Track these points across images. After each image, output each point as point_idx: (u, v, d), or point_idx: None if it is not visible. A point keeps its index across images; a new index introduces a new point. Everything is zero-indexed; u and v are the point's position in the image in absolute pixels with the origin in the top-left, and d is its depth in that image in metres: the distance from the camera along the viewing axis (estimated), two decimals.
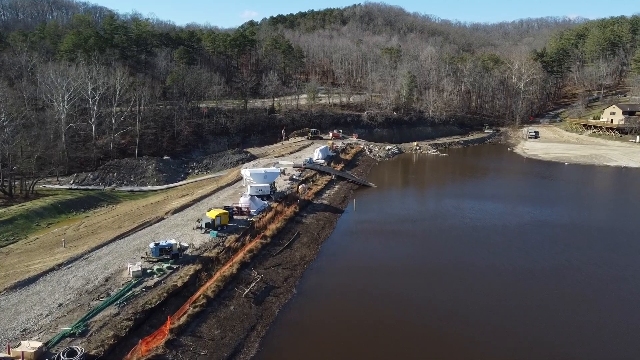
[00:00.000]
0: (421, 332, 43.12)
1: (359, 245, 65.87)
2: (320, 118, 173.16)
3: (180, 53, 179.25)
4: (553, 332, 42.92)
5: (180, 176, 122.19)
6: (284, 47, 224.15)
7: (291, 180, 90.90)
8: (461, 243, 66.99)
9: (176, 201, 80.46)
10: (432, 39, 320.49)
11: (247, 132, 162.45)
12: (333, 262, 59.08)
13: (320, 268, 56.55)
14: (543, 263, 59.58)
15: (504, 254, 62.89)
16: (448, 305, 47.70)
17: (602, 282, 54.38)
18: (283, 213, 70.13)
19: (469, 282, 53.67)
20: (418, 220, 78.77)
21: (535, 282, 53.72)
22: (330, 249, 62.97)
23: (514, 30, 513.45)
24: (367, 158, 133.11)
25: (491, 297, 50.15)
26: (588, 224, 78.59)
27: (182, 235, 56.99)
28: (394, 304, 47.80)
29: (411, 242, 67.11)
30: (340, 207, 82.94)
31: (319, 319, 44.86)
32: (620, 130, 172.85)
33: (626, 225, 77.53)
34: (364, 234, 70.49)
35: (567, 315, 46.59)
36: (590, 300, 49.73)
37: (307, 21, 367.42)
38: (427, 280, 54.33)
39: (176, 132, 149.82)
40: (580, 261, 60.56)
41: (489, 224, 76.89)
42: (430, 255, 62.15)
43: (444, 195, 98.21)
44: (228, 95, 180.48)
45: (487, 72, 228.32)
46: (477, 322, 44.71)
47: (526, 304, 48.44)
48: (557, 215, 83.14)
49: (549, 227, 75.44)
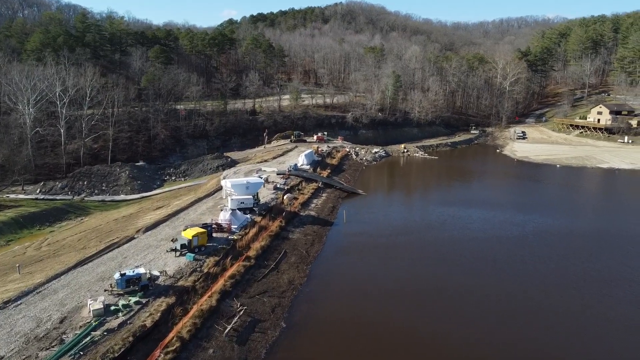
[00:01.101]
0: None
1: (352, 263, 59.91)
2: (303, 120, 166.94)
3: (156, 52, 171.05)
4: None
5: (156, 184, 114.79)
6: (264, 46, 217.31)
7: (275, 189, 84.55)
8: (463, 259, 61.62)
9: (149, 215, 73.53)
10: (414, 37, 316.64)
11: (227, 135, 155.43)
12: (324, 285, 53.06)
13: (310, 294, 50.45)
14: (554, 281, 54.54)
15: (511, 272, 57.61)
16: (454, 337, 42.16)
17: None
18: (268, 228, 63.84)
19: (476, 309, 48.23)
20: (413, 231, 73.25)
21: (548, 305, 48.58)
22: (320, 270, 56.93)
23: (495, 29, 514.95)
24: (354, 162, 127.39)
25: (502, 333, 44.77)
26: (592, 231, 74.02)
27: (154, 260, 50.33)
28: (393, 336, 42.05)
29: (409, 259, 61.43)
30: (329, 218, 76.95)
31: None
32: (608, 130, 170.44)
33: (632, 232, 73.21)
34: (356, 249, 64.61)
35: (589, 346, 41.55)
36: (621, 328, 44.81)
37: (287, 20, 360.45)
38: (429, 306, 48.73)
39: (152, 136, 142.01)
40: (598, 279, 55.73)
41: (490, 235, 71.76)
42: (431, 275, 56.56)
43: (437, 202, 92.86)
44: (207, 97, 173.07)
45: (472, 71, 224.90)
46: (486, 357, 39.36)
47: (545, 339, 43.19)
48: (559, 223, 78.41)
49: (553, 237, 70.60)
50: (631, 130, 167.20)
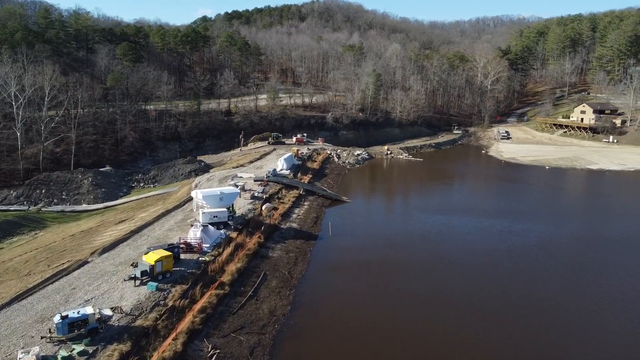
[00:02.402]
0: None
1: (341, 286, 52.64)
2: (281, 120, 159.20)
3: (124, 49, 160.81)
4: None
5: (123, 191, 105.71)
6: (240, 44, 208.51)
7: (253, 198, 76.71)
8: (462, 277, 55.05)
9: (110, 230, 65.00)
10: (393, 36, 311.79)
11: (201, 137, 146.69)
12: (311, 315, 45.70)
13: (295, 327, 43.03)
14: (569, 303, 48.47)
15: (516, 291, 51.31)
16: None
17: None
18: (245, 246, 56.17)
19: (485, 339, 41.71)
20: (407, 244, 66.47)
21: (563, 333, 42.44)
22: (306, 296, 49.56)
23: (471, 28, 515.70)
24: (336, 165, 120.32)
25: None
26: (599, 239, 68.45)
27: (108, 291, 42.27)
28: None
29: (404, 279, 54.52)
30: (313, 231, 69.62)
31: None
32: (592, 129, 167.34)
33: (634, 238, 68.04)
34: (344, 268, 57.47)
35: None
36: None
37: (263, 17, 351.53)
38: (430, 339, 41.98)
39: (120, 139, 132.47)
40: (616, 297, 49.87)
41: (490, 247, 65.51)
42: (430, 299, 49.77)
43: (429, 210, 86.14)
44: (179, 96, 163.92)
45: (453, 70, 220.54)
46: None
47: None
48: (562, 231, 72.70)
49: (559, 248, 64.76)
50: (616, 130, 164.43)
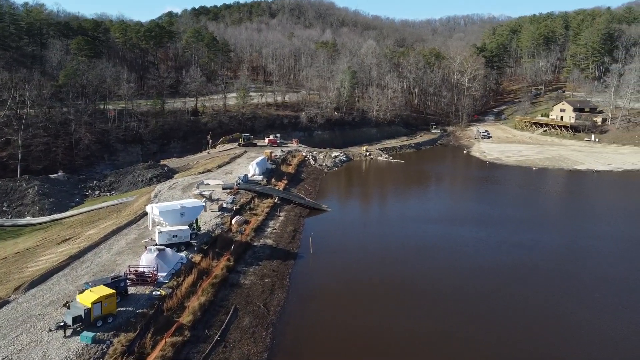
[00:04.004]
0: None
1: (327, 320, 43.43)
2: (252, 120, 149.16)
3: (79, 43, 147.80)
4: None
5: (75, 201, 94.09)
6: (207, 39, 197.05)
7: (221, 210, 66.81)
8: (469, 302, 46.87)
9: (49, 252, 54.19)
10: (366, 33, 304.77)
11: (165, 139, 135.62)
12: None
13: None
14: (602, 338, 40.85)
15: (537, 320, 43.43)
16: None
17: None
18: (211, 273, 46.53)
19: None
20: (399, 260, 57.86)
21: None
22: (286, 336, 40.21)
23: (442, 27, 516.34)
24: (313, 169, 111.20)
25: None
26: (615, 251, 61.60)
27: (28, 346, 32.07)
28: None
29: (403, 307, 45.90)
30: (291, 248, 60.34)
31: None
32: (573, 128, 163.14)
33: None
34: (330, 295, 48.40)
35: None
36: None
37: (232, 13, 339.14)
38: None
39: (74, 141, 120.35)
40: None
41: (494, 262, 57.53)
42: (435, 332, 41.37)
43: (418, 219, 77.52)
44: (142, 95, 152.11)
45: (429, 67, 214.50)
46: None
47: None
48: (570, 242, 65.61)
49: (572, 264, 57.30)
50: (597, 128, 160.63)
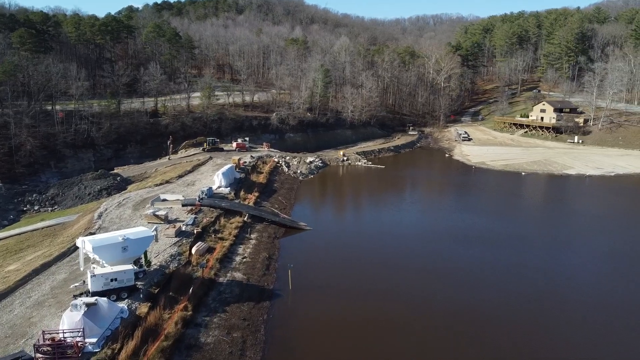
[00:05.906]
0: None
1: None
2: (219, 122, 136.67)
3: (21, 37, 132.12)
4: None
5: (9, 218, 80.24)
6: (169, 35, 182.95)
7: (179, 235, 54.87)
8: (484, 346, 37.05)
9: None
10: (337, 30, 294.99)
11: (121, 144, 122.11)
12: None
13: None
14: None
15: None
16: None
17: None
18: (161, 331, 34.94)
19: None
20: (400, 294, 47.42)
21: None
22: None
23: (412, 26, 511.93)
24: (287, 177, 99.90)
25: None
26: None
27: None
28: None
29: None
30: (266, 283, 49.15)
31: None
32: (555, 129, 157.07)
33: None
34: (319, 352, 37.71)
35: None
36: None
37: (197, 9, 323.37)
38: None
39: (15, 146, 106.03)
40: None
41: (510, 298, 47.74)
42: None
43: (413, 237, 66.78)
44: (96, 95, 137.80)
45: (405, 66, 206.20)
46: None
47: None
48: (598, 268, 56.90)
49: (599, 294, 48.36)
50: (579, 130, 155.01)
